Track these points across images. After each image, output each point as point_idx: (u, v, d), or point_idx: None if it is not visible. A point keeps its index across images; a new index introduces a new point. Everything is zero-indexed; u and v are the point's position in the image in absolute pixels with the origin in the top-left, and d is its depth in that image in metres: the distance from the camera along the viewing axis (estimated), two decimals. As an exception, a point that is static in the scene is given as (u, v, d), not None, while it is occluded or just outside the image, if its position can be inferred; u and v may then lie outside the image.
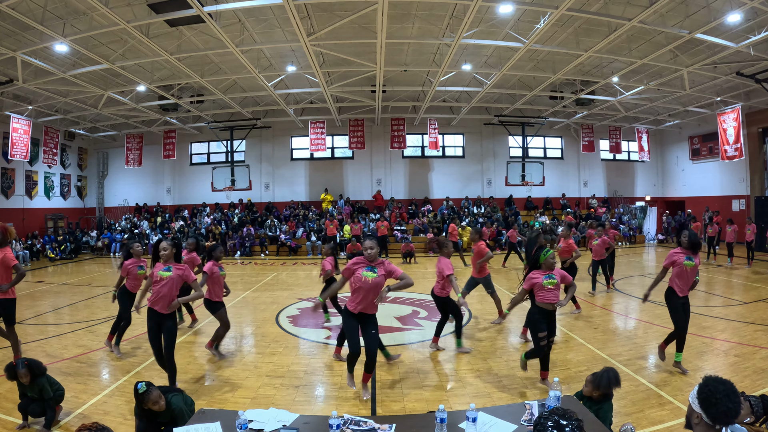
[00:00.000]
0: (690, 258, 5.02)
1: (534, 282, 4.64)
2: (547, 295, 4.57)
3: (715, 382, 1.88)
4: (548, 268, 4.66)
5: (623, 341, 6.47)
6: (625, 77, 14.74)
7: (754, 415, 3.02)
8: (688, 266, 4.99)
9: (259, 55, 13.20)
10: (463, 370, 5.46)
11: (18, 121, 15.92)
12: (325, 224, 18.65)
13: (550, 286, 4.56)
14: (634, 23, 9.84)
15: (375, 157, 21.93)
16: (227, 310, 6.11)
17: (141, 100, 16.60)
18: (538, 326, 4.61)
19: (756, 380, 4.84)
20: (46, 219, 20.05)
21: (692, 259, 5.02)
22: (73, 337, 6.93)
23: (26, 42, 11.14)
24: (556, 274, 4.64)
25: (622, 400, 4.26)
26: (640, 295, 9.51)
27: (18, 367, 3.88)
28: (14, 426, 4.02)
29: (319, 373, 5.45)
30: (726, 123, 16.76)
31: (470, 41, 11.34)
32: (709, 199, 19.91)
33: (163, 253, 4.66)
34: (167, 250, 4.66)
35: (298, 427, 2.62)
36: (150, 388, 3.27)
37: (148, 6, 9.62)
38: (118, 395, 4.72)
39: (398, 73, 15.22)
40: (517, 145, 22.14)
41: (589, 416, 2.80)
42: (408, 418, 3.20)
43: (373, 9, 9.25)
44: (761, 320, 7.34)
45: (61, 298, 10.15)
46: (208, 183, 22.50)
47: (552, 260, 4.69)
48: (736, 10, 9.54)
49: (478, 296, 8.96)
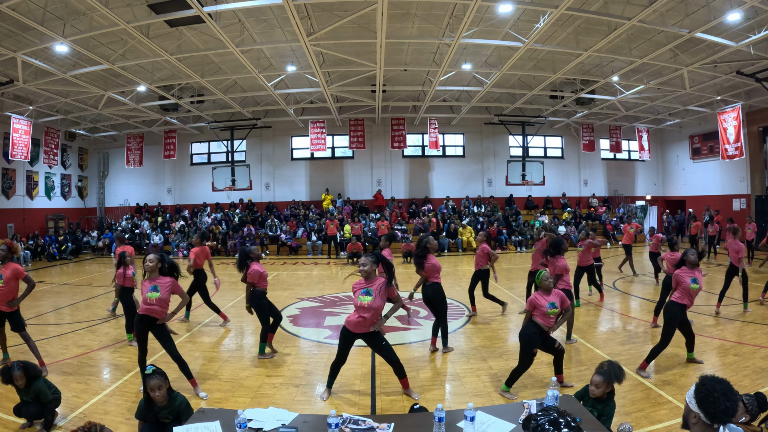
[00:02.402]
0: (695, 281, 5.15)
1: (536, 305, 4.57)
2: (548, 319, 4.53)
3: (712, 381, 1.89)
4: (546, 290, 4.60)
5: (623, 341, 6.48)
6: (625, 76, 14.73)
7: (749, 414, 3.03)
8: (694, 289, 5.14)
9: (259, 55, 13.21)
10: (461, 369, 5.47)
11: (18, 122, 15.95)
12: (325, 224, 18.66)
13: (552, 315, 4.52)
14: (633, 22, 9.83)
15: (375, 157, 21.94)
16: (228, 309, 6.13)
17: (141, 101, 16.61)
18: (533, 342, 4.51)
19: (755, 380, 4.85)
20: (47, 219, 20.09)
21: (697, 282, 5.16)
22: (74, 337, 6.95)
23: (26, 43, 11.15)
24: (557, 300, 4.58)
25: (621, 400, 4.27)
26: (640, 295, 9.54)
27: (13, 369, 3.84)
28: (15, 426, 4.02)
29: (319, 372, 5.45)
30: (726, 122, 16.74)
31: (470, 41, 11.34)
32: (709, 198, 19.90)
33: (148, 265, 4.61)
34: (153, 262, 4.60)
35: (297, 426, 2.63)
36: (155, 373, 3.26)
37: (148, 6, 9.63)
38: (119, 395, 4.74)
39: (398, 72, 15.22)
40: (517, 145, 22.13)
41: (587, 416, 2.81)
42: (406, 417, 3.21)
43: (372, 9, 9.25)
44: (761, 319, 7.34)
45: (62, 298, 10.17)
46: (208, 183, 22.52)
47: (546, 282, 4.61)
48: (736, 9, 9.53)
49: (477, 295, 8.96)
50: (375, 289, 4.35)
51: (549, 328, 4.53)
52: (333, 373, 4.66)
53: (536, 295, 4.64)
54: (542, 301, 4.55)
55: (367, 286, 4.38)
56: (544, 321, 4.52)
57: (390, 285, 4.46)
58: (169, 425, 3.23)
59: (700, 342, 6.18)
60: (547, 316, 4.51)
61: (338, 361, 4.59)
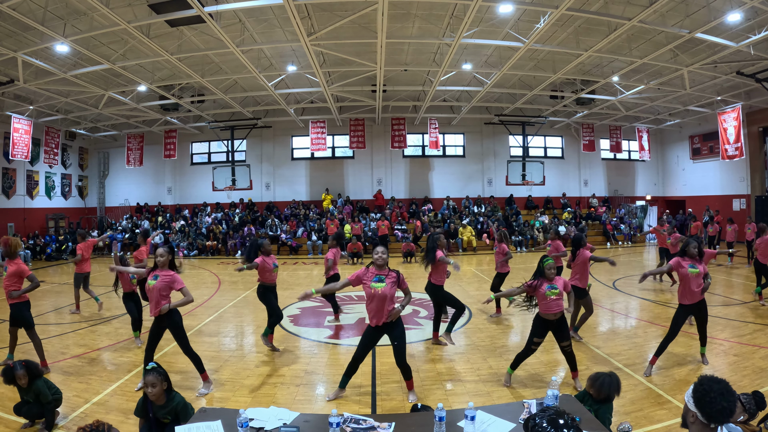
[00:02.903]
0: (694, 266, 5.14)
1: (534, 287, 4.61)
2: (549, 304, 4.53)
3: (710, 381, 1.90)
4: (548, 278, 4.61)
5: (623, 341, 6.49)
6: (626, 76, 14.74)
7: (747, 413, 3.03)
8: (693, 273, 5.12)
9: (260, 54, 13.22)
10: (462, 368, 5.48)
11: (19, 121, 15.96)
12: (325, 224, 18.68)
13: (552, 297, 4.52)
14: (634, 23, 9.84)
15: (375, 157, 21.95)
16: (228, 309, 6.15)
17: (142, 100, 16.62)
18: (536, 331, 4.64)
19: (755, 379, 4.86)
20: (47, 219, 20.09)
21: (696, 267, 5.15)
22: (75, 337, 6.96)
23: (27, 42, 11.16)
24: (558, 284, 4.60)
25: (621, 399, 4.27)
26: (640, 295, 9.55)
27: (16, 369, 3.82)
28: (16, 425, 4.03)
29: (320, 372, 5.47)
30: (726, 122, 16.76)
31: (470, 41, 11.35)
32: (709, 198, 19.91)
33: (159, 259, 4.68)
34: (164, 256, 4.67)
35: (298, 426, 2.64)
36: (154, 370, 3.25)
37: (149, 6, 9.64)
38: (120, 394, 4.75)
39: (398, 72, 15.22)
40: (517, 145, 22.14)
41: (587, 415, 2.82)
42: (407, 417, 3.22)
43: (373, 9, 9.26)
44: (760, 319, 7.35)
45: (62, 297, 10.17)
46: (208, 182, 22.53)
47: (549, 270, 4.60)
48: (736, 9, 9.53)
49: (477, 295, 8.99)
50: (387, 277, 4.40)
51: (555, 314, 4.52)
52: (350, 371, 4.59)
53: (538, 279, 4.65)
54: (542, 283, 4.58)
55: (379, 273, 4.42)
56: (547, 308, 4.54)
57: (401, 278, 4.47)
58: (168, 425, 3.24)
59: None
60: (547, 298, 4.52)
61: (358, 357, 4.52)
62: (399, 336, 4.45)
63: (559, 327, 4.61)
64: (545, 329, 4.63)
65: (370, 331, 4.51)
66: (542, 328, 4.63)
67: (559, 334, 4.62)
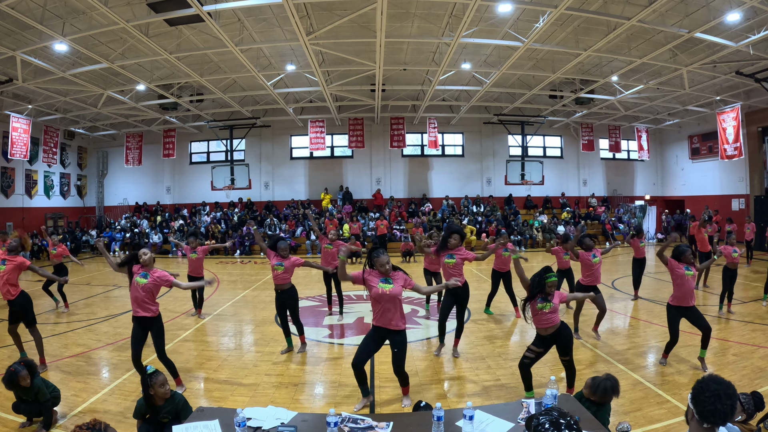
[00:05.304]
0: (689, 268, 5.20)
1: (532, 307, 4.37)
2: (540, 318, 4.31)
3: (710, 380, 1.85)
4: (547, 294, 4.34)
5: (622, 340, 6.49)
6: (625, 76, 14.73)
7: (746, 413, 3.03)
8: (688, 275, 5.18)
9: (259, 54, 13.20)
10: (461, 369, 5.47)
11: (17, 120, 15.92)
12: (324, 223, 18.65)
13: (545, 310, 4.28)
14: (633, 22, 9.83)
15: (374, 156, 21.94)
16: (228, 308, 6.12)
17: (140, 99, 16.59)
18: (534, 342, 4.40)
19: (754, 379, 4.86)
20: (46, 218, 20.05)
21: (690, 270, 5.21)
22: (73, 336, 6.94)
23: (26, 41, 11.13)
24: (554, 299, 4.32)
25: (620, 399, 4.26)
26: (640, 295, 9.54)
27: (18, 371, 3.77)
28: (14, 424, 4.01)
29: (318, 371, 5.46)
30: (725, 122, 16.76)
31: (469, 40, 11.34)
32: (708, 198, 19.91)
33: (144, 259, 4.69)
34: (147, 255, 4.69)
35: (296, 425, 2.63)
36: (158, 371, 3.34)
37: (148, 5, 9.61)
38: (118, 393, 4.74)
39: (398, 72, 15.20)
40: (516, 144, 22.12)
41: (587, 415, 2.81)
42: (405, 416, 3.21)
43: (372, 8, 9.24)
44: (760, 319, 7.36)
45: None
46: (207, 182, 22.50)
47: (550, 288, 4.31)
48: (736, 9, 9.53)
49: (478, 295, 8.98)
50: (394, 278, 4.33)
51: (546, 329, 4.29)
52: (361, 378, 4.35)
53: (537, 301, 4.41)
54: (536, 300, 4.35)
55: (386, 276, 4.34)
56: (538, 322, 4.33)
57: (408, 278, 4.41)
58: (167, 424, 3.24)
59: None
60: (538, 312, 4.30)
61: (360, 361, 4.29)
62: (400, 342, 4.32)
63: (557, 341, 4.34)
64: (541, 342, 4.37)
65: (372, 333, 4.40)
66: (539, 339, 4.39)
67: (559, 348, 4.38)
